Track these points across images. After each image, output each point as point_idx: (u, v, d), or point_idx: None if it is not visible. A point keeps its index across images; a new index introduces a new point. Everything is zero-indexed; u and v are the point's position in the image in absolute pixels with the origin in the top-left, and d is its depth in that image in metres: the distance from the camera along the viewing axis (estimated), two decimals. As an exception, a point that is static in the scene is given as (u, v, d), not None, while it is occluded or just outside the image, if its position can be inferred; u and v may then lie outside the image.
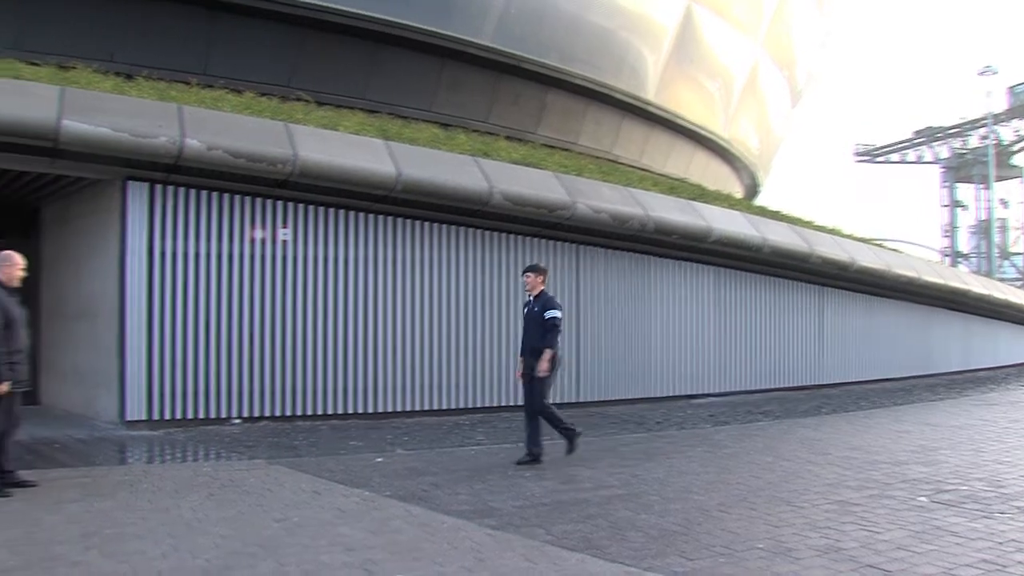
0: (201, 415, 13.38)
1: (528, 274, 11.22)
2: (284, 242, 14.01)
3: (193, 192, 13.48)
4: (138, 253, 13.15)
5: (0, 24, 16.76)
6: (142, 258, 13.16)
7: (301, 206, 14.13)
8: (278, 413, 13.83)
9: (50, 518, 7.83)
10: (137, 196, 13.21)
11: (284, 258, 13.96)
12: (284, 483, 9.44)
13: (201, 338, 13.46)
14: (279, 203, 13.98)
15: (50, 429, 12.92)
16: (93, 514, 7.98)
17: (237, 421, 13.53)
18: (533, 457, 10.77)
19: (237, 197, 13.72)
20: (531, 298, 11.15)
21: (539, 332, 10.84)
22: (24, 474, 9.17)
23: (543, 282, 11.19)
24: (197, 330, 13.44)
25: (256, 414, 13.69)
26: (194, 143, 12.87)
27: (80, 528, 7.46)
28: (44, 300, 16.07)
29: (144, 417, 13.09)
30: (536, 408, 10.89)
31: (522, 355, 11.14)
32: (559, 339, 11.01)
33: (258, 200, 13.85)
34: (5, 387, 8.77)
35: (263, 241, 13.87)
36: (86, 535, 7.24)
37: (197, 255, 13.45)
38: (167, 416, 13.20)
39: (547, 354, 10.70)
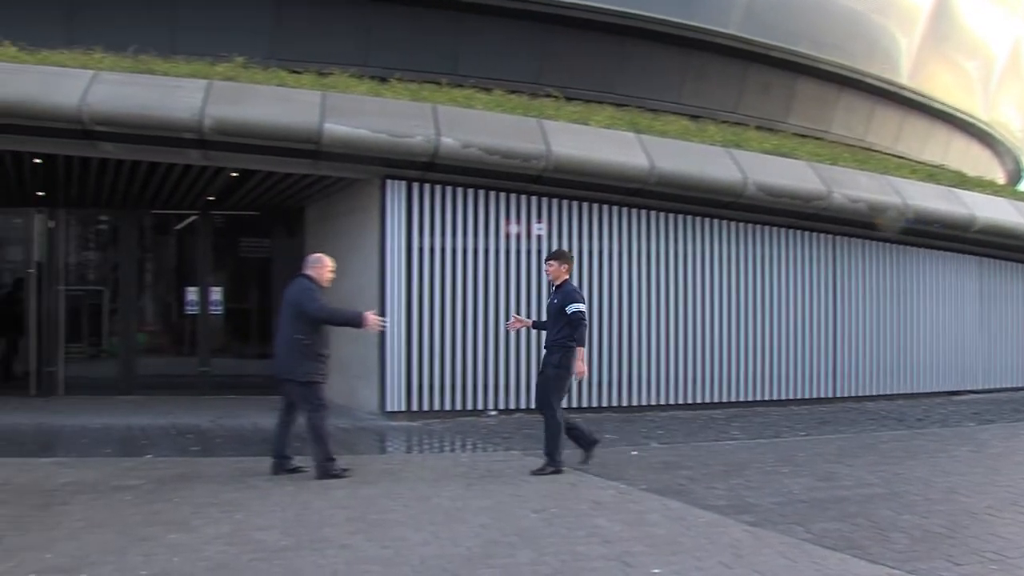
0: (458, 407, 13.69)
1: (551, 262, 10.07)
2: (539, 236, 14.14)
3: (449, 189, 13.78)
4: (397, 249, 13.54)
5: (260, 35, 17.55)
6: (401, 254, 13.55)
7: (555, 200, 14.21)
8: (533, 405, 13.78)
9: (318, 502, 8.12)
10: (395, 194, 13.60)
11: (539, 253, 13.97)
12: (540, 474, 9.46)
13: (458, 331, 13.75)
14: (533, 198, 14.12)
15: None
16: (358, 500, 8.23)
17: (493, 413, 13.76)
18: (588, 445, 10.01)
19: (492, 193, 13.93)
20: (554, 288, 10.04)
21: (557, 326, 9.74)
22: (295, 460, 9.57)
23: (567, 271, 10.02)
24: (454, 324, 13.74)
25: (511, 406, 13.87)
26: (449, 141, 13.14)
27: (346, 513, 7.70)
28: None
29: (403, 408, 13.48)
30: (543, 406, 9.89)
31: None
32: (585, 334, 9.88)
33: (512, 195, 14.02)
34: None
35: (518, 236, 14.05)
36: (351, 520, 7.47)
37: (454, 251, 13.74)
38: (425, 408, 13.55)
39: (580, 353, 9.68)
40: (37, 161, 14.52)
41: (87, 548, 6.60)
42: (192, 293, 17.62)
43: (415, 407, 13.54)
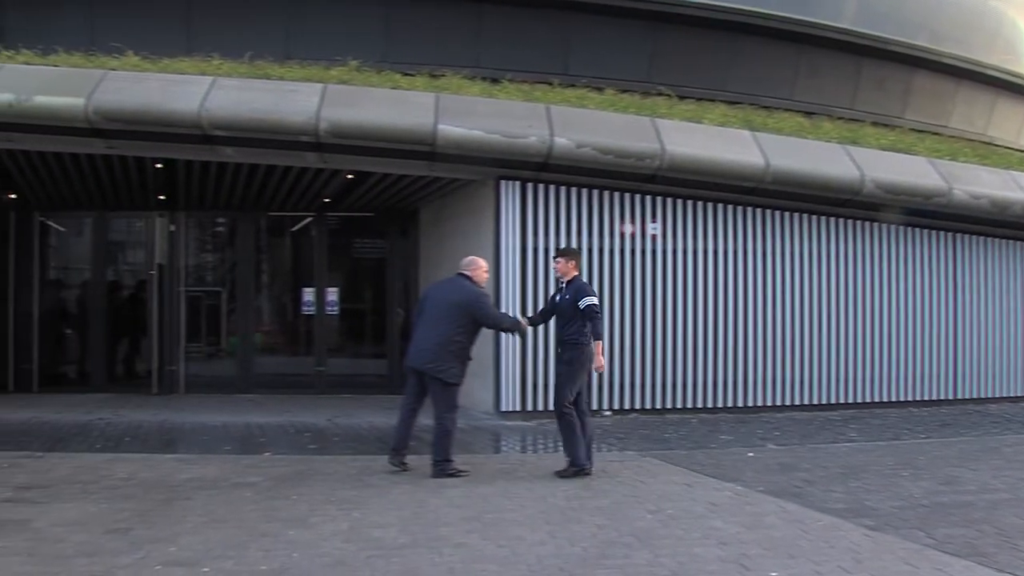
0: (573, 407, 13.66)
1: (559, 259, 10.00)
2: (653, 236, 14.07)
3: (562, 189, 13.82)
4: (512, 249, 13.64)
5: (372, 39, 17.72)
6: (516, 254, 13.64)
7: (669, 200, 14.13)
8: (648, 406, 13.92)
9: (434, 500, 8.19)
10: (509, 194, 13.69)
11: (653, 252, 14.02)
12: (656, 475, 9.45)
13: None
14: (647, 197, 14.05)
15: (430, 417, 13.41)
16: (473, 499, 8.28)
17: (608, 413, 13.71)
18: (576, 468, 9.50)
19: (606, 193, 13.93)
20: (563, 285, 9.87)
21: (571, 323, 9.55)
22: (408, 458, 9.66)
23: (575, 267, 9.89)
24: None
25: (627, 406, 13.85)
26: (563, 141, 13.15)
27: (461, 512, 7.75)
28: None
29: (518, 408, 13.54)
30: (556, 408, 9.67)
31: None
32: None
33: (626, 195, 13.99)
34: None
35: (632, 236, 14.00)
36: (467, 519, 7.51)
37: (568, 251, 13.74)
38: (540, 408, 13.50)
39: (598, 347, 9.42)
40: (158, 166, 14.94)
41: (209, 542, 6.77)
42: (309, 294, 17.92)
43: (530, 407, 13.57)
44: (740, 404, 14.36)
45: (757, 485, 8.90)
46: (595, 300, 9.56)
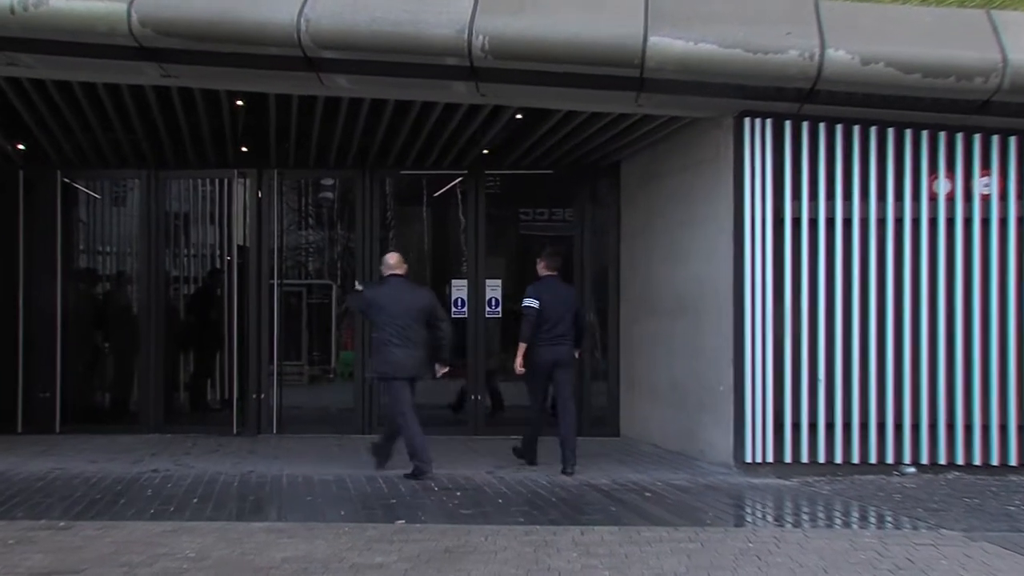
0: (854, 458, 13.32)
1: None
2: (984, 197, 13.44)
3: (839, 128, 13.42)
4: (760, 221, 13.33)
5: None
6: (766, 228, 13.32)
7: (1012, 140, 13.47)
8: (975, 460, 13.34)
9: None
10: (757, 139, 13.39)
11: (985, 222, 13.39)
12: (996, 571, 8.88)
13: (855, 345, 13.37)
14: (974, 137, 13.44)
15: (636, 470, 13.58)
16: (709, 594, 8.14)
17: (911, 470, 13.26)
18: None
19: (907, 132, 13.41)
20: None
21: None
22: (606, 531, 9.89)
23: (545, 268, 14.00)
24: (848, 333, 13.38)
25: (940, 460, 13.34)
26: (841, 55, 12.61)
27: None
28: (622, 288, 16.86)
29: (770, 459, 13.29)
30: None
31: None
32: (529, 330, 13.58)
33: (940, 134, 13.42)
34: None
35: (949, 197, 13.42)
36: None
37: (848, 222, 13.37)
38: (803, 458, 13.28)
39: (520, 348, 13.75)
40: (239, 103, 15.13)
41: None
42: (460, 288, 17.92)
43: (788, 457, 13.31)
44: None
45: None
46: (528, 302, 13.68)
